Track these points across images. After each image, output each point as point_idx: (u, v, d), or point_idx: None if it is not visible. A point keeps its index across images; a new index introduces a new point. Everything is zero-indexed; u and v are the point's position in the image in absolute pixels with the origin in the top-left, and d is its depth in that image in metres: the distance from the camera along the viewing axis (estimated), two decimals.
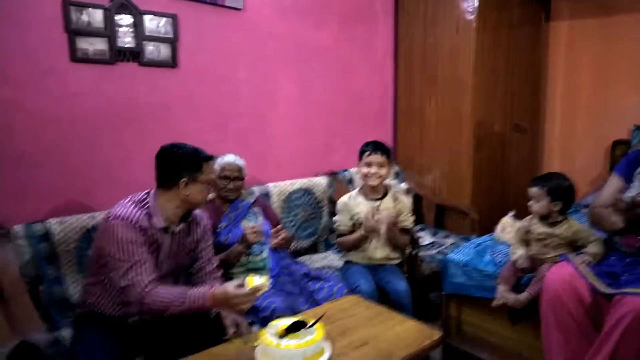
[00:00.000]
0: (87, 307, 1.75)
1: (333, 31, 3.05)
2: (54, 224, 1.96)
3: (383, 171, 2.27)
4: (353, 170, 3.13)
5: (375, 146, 2.29)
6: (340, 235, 2.38)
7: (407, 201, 2.39)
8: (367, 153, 2.29)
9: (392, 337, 1.61)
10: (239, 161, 2.31)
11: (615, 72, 3.35)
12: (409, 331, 1.66)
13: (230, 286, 1.52)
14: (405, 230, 2.35)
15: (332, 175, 3.04)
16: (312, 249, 2.86)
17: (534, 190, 1.94)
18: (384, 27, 3.38)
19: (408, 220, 2.36)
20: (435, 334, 1.64)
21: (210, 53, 2.51)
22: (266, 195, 2.64)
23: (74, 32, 2.06)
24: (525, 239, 2.00)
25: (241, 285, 1.52)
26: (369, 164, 2.28)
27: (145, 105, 2.31)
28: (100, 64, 2.15)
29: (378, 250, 2.32)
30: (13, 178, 1.97)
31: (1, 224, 1.88)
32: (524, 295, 1.92)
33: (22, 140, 2.00)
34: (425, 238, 2.98)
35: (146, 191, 1.72)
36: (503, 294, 1.95)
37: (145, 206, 1.67)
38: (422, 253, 2.69)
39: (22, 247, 1.87)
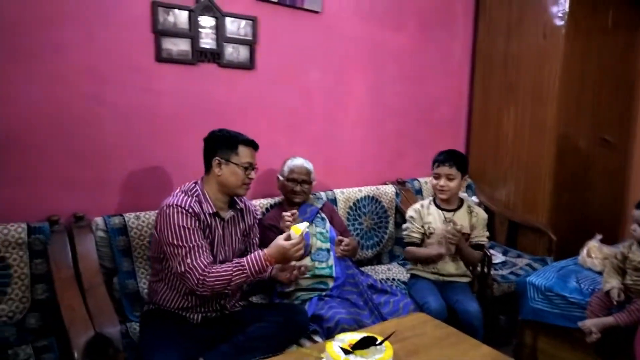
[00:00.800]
0: (152, 305, 1.79)
1: (410, 34, 2.96)
2: (132, 218, 2.02)
3: (452, 184, 2.16)
4: (422, 180, 3.02)
5: (447, 157, 2.19)
6: (409, 244, 2.29)
7: (482, 215, 2.25)
8: (437, 164, 2.20)
9: None
10: (308, 164, 2.30)
11: None
12: (484, 357, 1.54)
13: (281, 240, 1.65)
14: (478, 246, 2.22)
15: (401, 184, 2.95)
16: (376, 259, 2.78)
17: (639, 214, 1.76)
18: (464, 31, 3.24)
19: (482, 236, 2.23)
20: None
21: (287, 55, 2.51)
22: (333, 201, 2.60)
23: (160, 32, 2.12)
24: (621, 268, 1.81)
25: (289, 237, 1.65)
26: (437, 176, 2.20)
27: (222, 106, 2.34)
28: (183, 64, 2.20)
29: (448, 265, 2.21)
30: (94, 170, 2.06)
31: (83, 215, 1.97)
32: (608, 320, 1.74)
33: (108, 135, 2.08)
34: (496, 256, 2.81)
35: (193, 181, 1.78)
36: (588, 325, 1.78)
37: (195, 194, 1.73)
38: (493, 272, 2.54)
39: (101, 239, 1.95)
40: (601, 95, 3.08)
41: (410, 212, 2.31)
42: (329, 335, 1.79)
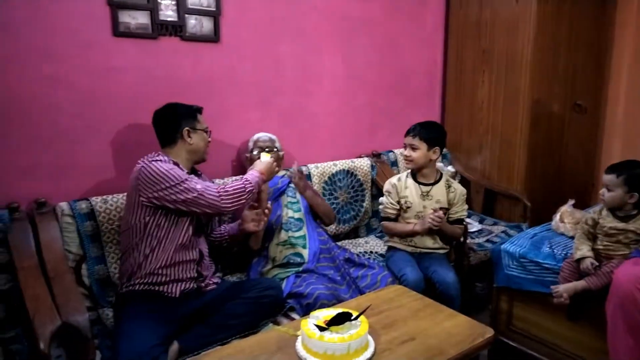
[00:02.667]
0: (126, 286, 1.74)
1: (379, 2, 2.88)
2: (99, 202, 1.95)
3: (415, 154, 2.16)
4: (397, 151, 3.00)
5: (412, 128, 2.19)
6: (386, 218, 2.27)
7: (460, 190, 2.24)
8: (405, 135, 2.20)
9: (442, 333, 1.50)
10: (272, 135, 2.31)
11: None
12: (460, 327, 1.55)
13: (259, 162, 1.94)
14: (458, 221, 2.22)
15: (376, 156, 2.92)
16: (353, 233, 2.77)
17: (608, 178, 1.75)
18: None
19: (462, 211, 2.22)
20: (488, 331, 1.53)
21: (253, 27, 2.41)
22: (307, 176, 2.56)
23: (117, 4, 2.00)
24: (592, 233, 1.83)
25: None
26: (404, 146, 2.20)
27: (187, 82, 2.25)
28: (143, 38, 2.10)
29: (426, 239, 2.21)
30: (54, 154, 1.97)
31: (45, 201, 1.88)
32: (580, 284, 1.76)
33: (66, 116, 1.98)
34: (473, 225, 2.83)
35: (155, 153, 1.81)
36: (561, 291, 1.80)
37: (165, 159, 1.78)
38: (469, 241, 2.55)
39: (67, 225, 1.87)
40: (574, 60, 3.08)
41: (386, 186, 2.29)
42: (308, 312, 1.77)
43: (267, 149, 2.18)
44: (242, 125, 2.44)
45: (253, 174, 1.84)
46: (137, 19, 2.06)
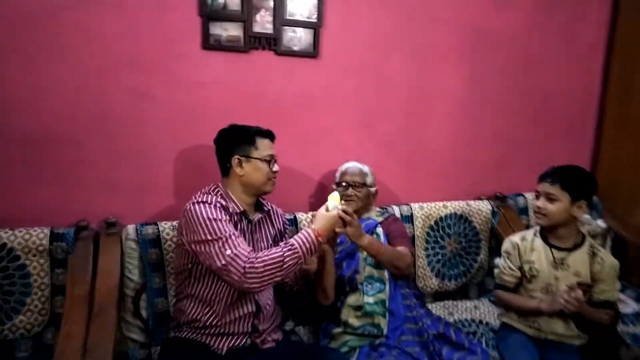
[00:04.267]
0: (176, 330, 1.55)
1: (519, 14, 2.34)
2: (167, 228, 1.79)
3: (552, 207, 1.64)
4: (530, 196, 2.41)
5: (551, 171, 1.67)
6: (501, 286, 1.77)
7: (610, 262, 1.65)
8: (539, 180, 1.70)
9: None
10: (363, 166, 1.95)
11: None
12: None
13: (323, 211, 1.49)
14: (605, 304, 1.62)
15: (500, 199, 2.38)
16: (461, 293, 2.26)
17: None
18: (598, 9, 2.51)
19: (610, 292, 1.62)
20: None
21: (359, 41, 2.09)
22: (408, 218, 2.14)
23: (208, 16, 1.85)
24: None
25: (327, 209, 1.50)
26: (537, 195, 1.70)
27: (279, 100, 2.01)
28: (233, 51, 1.91)
29: (556, 323, 1.65)
30: (134, 171, 1.86)
31: (115, 221, 1.78)
32: None
33: (150, 132, 1.87)
34: (628, 305, 2.12)
35: (213, 184, 1.60)
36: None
37: (218, 193, 1.56)
38: (622, 328, 1.89)
39: (131, 250, 1.74)
40: None
41: (506, 245, 1.79)
42: None
43: (342, 186, 1.84)
44: (335, 151, 2.13)
45: (305, 236, 1.42)
46: (228, 30, 1.88)
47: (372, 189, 1.92)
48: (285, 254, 1.39)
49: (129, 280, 1.73)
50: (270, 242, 1.68)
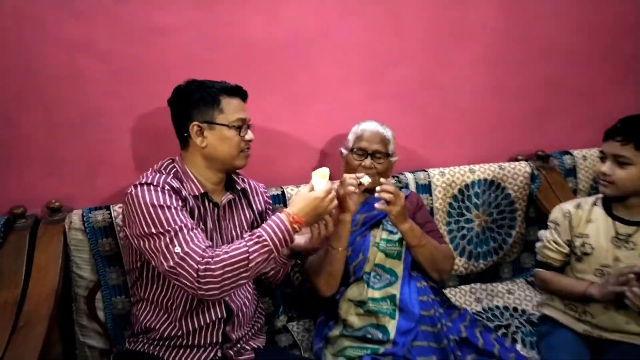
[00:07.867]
0: (131, 340, 1.28)
1: None
2: (122, 212, 1.45)
3: (622, 173, 1.27)
4: (579, 153, 1.95)
5: (621, 127, 1.27)
6: (543, 264, 1.43)
7: None
8: (605, 137, 1.31)
9: None
10: (386, 130, 1.53)
11: None
12: None
13: (306, 191, 1.17)
14: None
15: (542, 159, 1.94)
16: (491, 274, 1.88)
17: None
18: None
19: None
20: None
21: None
22: (426, 187, 1.74)
23: None
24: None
25: (312, 189, 1.18)
26: (602, 157, 1.32)
27: (262, 46, 1.62)
28: None
29: (615, 316, 1.28)
30: (81, 145, 1.52)
31: (60, 206, 1.46)
32: None
33: (99, 96, 1.51)
34: None
35: (169, 157, 1.28)
36: None
37: (172, 171, 1.23)
38: None
39: (77, 242, 1.42)
40: None
41: (554, 214, 1.44)
42: None
43: (357, 154, 1.46)
44: (337, 109, 1.73)
45: (276, 224, 1.11)
46: None
47: (393, 159, 1.52)
48: (251, 249, 1.07)
49: (79, 278, 1.43)
50: (246, 229, 1.35)
